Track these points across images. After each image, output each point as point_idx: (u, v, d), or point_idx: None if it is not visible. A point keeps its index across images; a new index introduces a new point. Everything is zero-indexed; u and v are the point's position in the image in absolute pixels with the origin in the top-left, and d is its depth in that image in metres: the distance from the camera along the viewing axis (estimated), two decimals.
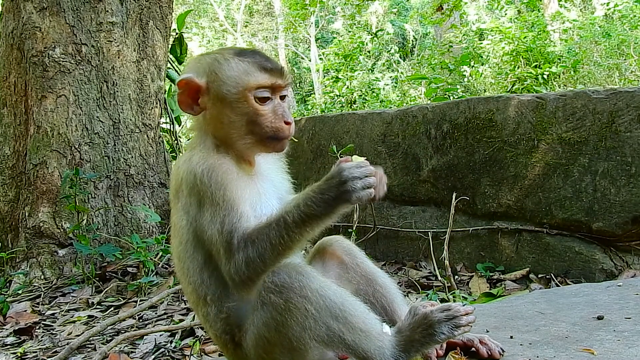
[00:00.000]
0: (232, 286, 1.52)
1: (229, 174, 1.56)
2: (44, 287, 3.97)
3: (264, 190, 1.69)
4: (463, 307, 1.59)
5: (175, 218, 1.65)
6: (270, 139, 1.64)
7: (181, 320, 3.10)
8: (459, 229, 3.93)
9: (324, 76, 18.31)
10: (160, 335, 2.88)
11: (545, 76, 10.26)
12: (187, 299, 1.74)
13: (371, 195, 1.44)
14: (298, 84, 23.62)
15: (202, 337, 2.75)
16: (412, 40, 20.90)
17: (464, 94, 9.80)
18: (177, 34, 6.19)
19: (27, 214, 4.29)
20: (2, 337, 3.20)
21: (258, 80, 1.62)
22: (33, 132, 4.39)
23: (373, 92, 14.59)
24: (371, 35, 18.08)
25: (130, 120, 4.65)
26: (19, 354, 2.91)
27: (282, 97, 1.68)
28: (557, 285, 3.31)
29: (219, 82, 1.62)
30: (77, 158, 4.36)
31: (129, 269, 4.08)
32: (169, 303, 3.46)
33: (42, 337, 3.15)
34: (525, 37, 11.71)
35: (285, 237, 1.45)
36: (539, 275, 3.55)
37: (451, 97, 8.02)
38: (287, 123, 1.64)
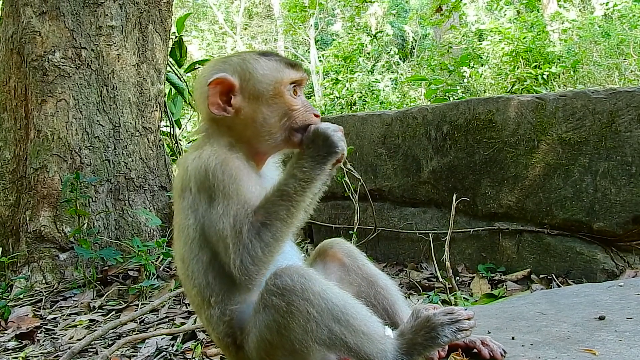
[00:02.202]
0: (244, 280, 1.50)
1: (242, 169, 1.59)
2: (45, 292, 3.97)
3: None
4: (465, 311, 1.59)
5: (180, 218, 1.64)
6: (300, 130, 1.66)
7: (183, 324, 3.10)
8: (459, 230, 3.93)
9: (324, 78, 18.30)
10: (162, 339, 2.88)
11: (545, 76, 10.25)
12: (191, 301, 1.72)
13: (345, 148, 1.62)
14: None
15: (203, 340, 2.75)
16: (412, 42, 20.89)
17: (463, 95, 9.80)
18: (176, 37, 6.19)
19: (28, 218, 4.29)
20: (4, 341, 3.19)
21: (290, 76, 1.68)
22: (33, 137, 4.40)
23: (373, 93, 14.59)
24: (370, 36, 18.07)
25: (131, 123, 4.65)
26: (21, 359, 2.91)
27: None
28: (559, 286, 3.31)
29: (253, 81, 1.66)
30: (77, 162, 4.37)
31: (130, 273, 4.08)
32: (171, 306, 3.46)
33: (43, 341, 3.15)
34: (524, 38, 11.72)
35: (292, 209, 1.52)
36: (540, 276, 3.55)
37: (451, 98, 8.04)
38: (316, 116, 1.70)
